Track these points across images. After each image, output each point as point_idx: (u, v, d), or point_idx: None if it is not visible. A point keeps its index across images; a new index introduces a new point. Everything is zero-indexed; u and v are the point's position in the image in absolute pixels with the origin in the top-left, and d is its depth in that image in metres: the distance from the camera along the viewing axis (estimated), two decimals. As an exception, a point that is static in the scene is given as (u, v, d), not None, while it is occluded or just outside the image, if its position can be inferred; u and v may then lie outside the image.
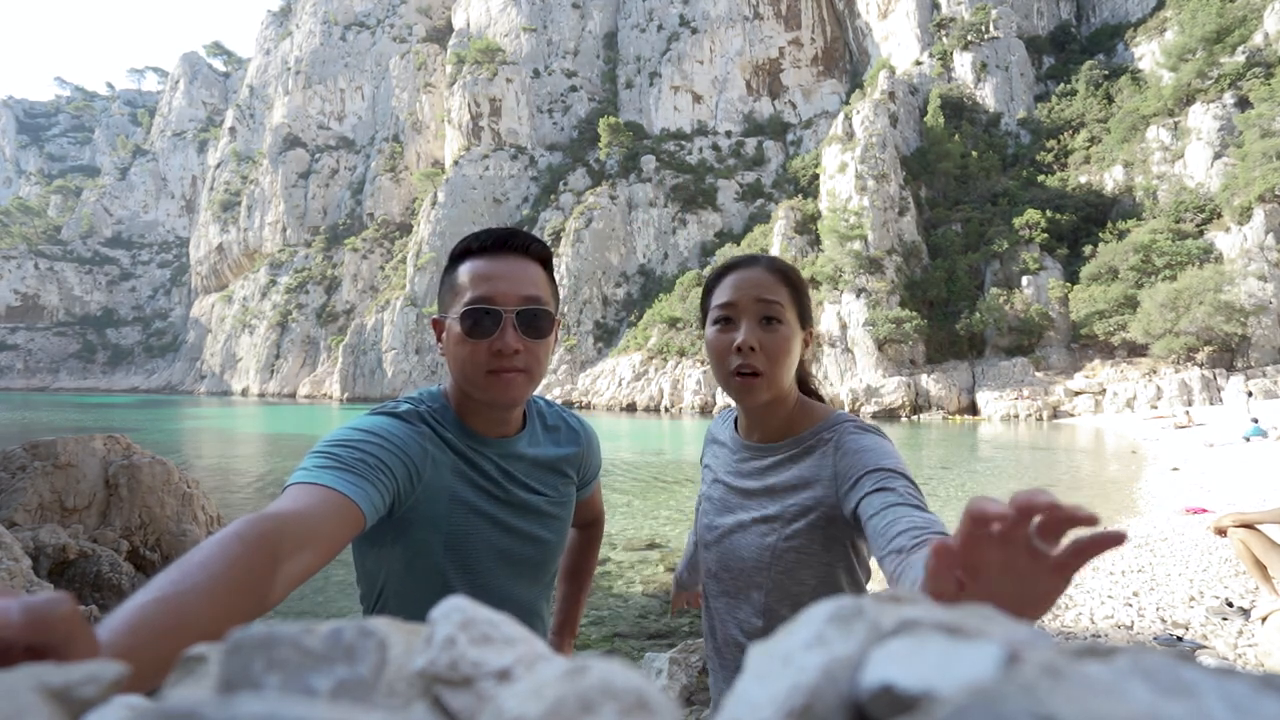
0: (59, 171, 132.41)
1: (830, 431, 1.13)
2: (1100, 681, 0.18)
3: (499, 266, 1.06)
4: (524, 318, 1.05)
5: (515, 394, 1.06)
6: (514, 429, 1.16)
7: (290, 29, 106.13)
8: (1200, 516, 8.15)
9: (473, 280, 1.05)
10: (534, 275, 1.08)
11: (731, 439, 1.28)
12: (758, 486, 1.17)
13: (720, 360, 1.13)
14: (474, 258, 1.08)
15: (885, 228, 45.40)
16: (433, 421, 1.07)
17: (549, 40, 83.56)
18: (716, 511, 1.24)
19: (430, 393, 1.14)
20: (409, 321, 66.29)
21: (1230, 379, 31.52)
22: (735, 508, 1.20)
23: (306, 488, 0.82)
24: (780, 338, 1.11)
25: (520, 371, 1.05)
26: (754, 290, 1.13)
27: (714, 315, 1.16)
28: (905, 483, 0.97)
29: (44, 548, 4.95)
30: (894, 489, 0.95)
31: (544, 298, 1.08)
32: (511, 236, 1.09)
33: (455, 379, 1.09)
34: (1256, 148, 36.11)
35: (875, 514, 0.93)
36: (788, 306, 1.13)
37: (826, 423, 1.15)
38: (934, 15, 66.45)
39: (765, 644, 0.23)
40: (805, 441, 1.15)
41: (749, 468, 1.20)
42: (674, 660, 3.76)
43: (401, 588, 1.06)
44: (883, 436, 1.11)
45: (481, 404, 1.09)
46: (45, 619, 0.32)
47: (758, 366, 1.10)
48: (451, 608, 0.26)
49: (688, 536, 1.59)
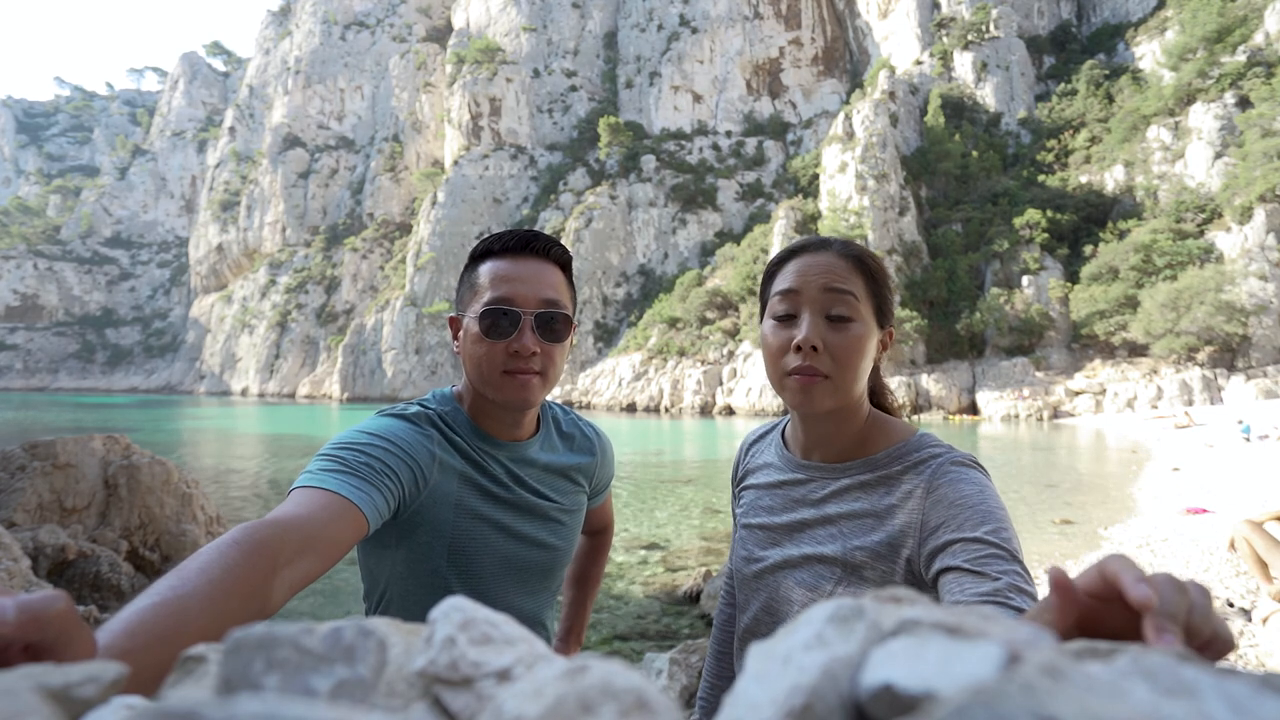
0: (58, 171, 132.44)
1: (917, 458, 0.92)
2: (1100, 681, 0.18)
3: (520, 268, 1.06)
4: (542, 320, 1.04)
5: (529, 396, 1.05)
6: (527, 433, 1.15)
7: (290, 29, 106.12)
8: (1201, 517, 8.15)
9: (493, 281, 1.05)
10: (554, 279, 1.08)
11: (782, 457, 1.07)
12: (814, 516, 0.97)
13: (775, 359, 0.95)
14: (495, 258, 1.08)
15: (885, 227, 45.41)
16: (442, 424, 1.07)
17: (549, 40, 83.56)
18: (759, 543, 1.04)
19: (442, 394, 1.13)
20: (409, 321, 66.29)
21: (1231, 379, 31.52)
22: (783, 540, 1.00)
23: (310, 492, 0.82)
24: (851, 336, 0.92)
25: (536, 374, 1.05)
26: (822, 278, 0.94)
27: (773, 306, 0.98)
28: (1008, 563, 0.77)
29: (43, 548, 4.94)
30: (990, 574, 0.76)
31: (563, 301, 1.08)
32: (534, 239, 1.08)
33: (470, 378, 1.09)
34: (1257, 147, 36.12)
35: (956, 600, 0.77)
36: (863, 299, 0.94)
37: (909, 446, 0.95)
38: (934, 15, 66.46)
39: (765, 644, 0.23)
40: (881, 466, 0.94)
41: (803, 493, 1.00)
42: (674, 661, 3.75)
43: (403, 590, 1.06)
44: (983, 473, 0.90)
45: (495, 405, 1.08)
46: (41, 617, 0.32)
47: (821, 368, 0.92)
48: (451, 608, 0.26)
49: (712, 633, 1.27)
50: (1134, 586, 0.35)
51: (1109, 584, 0.37)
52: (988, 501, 0.84)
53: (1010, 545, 0.79)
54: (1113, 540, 7.56)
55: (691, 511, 10.16)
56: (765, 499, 1.06)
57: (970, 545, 0.79)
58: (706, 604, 5.49)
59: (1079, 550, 7.20)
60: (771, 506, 1.04)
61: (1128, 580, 0.35)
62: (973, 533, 0.80)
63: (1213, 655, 0.35)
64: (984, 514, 0.82)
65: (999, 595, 0.73)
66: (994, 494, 0.86)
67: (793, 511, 1.00)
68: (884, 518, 0.90)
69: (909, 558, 0.87)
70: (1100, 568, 0.38)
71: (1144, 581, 0.35)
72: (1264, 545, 3.59)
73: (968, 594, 0.75)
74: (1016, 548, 0.80)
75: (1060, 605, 0.37)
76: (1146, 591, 0.34)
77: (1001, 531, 0.80)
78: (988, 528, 0.80)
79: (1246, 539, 3.66)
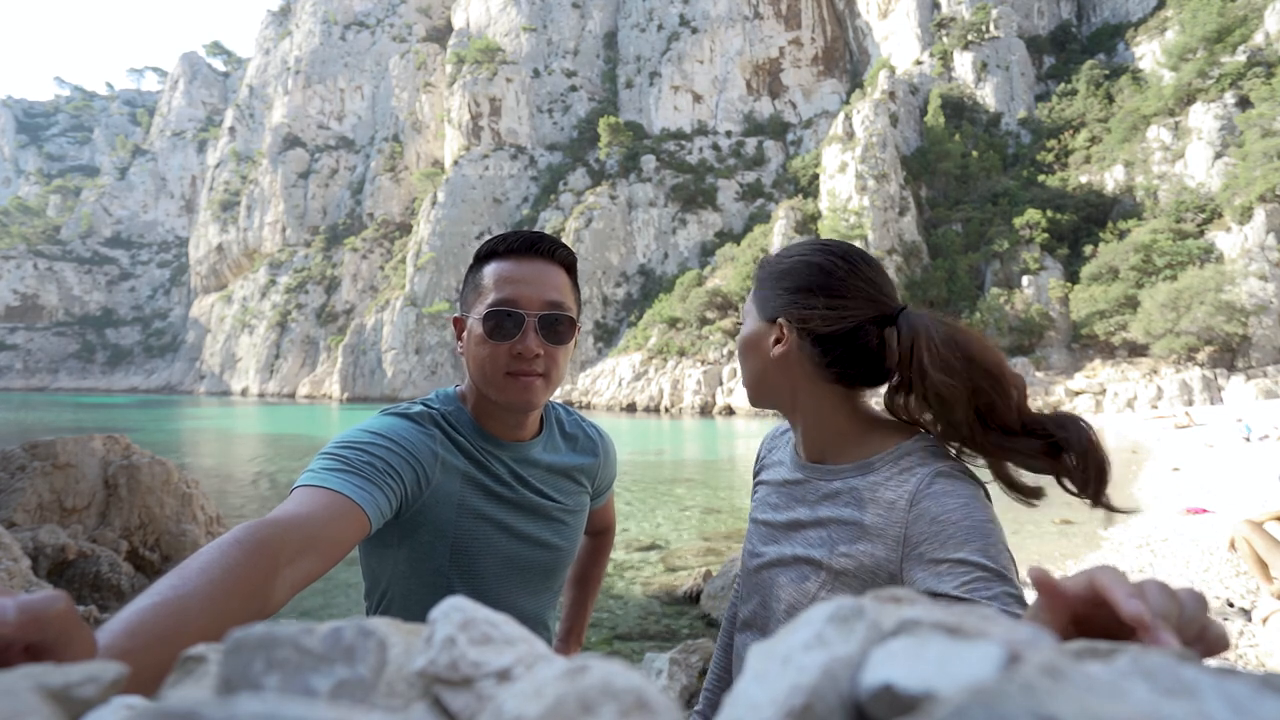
0: (58, 171, 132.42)
1: (905, 464, 0.91)
2: (1100, 681, 0.18)
3: (524, 270, 1.06)
4: (546, 322, 1.05)
5: (532, 398, 1.05)
6: (530, 433, 1.15)
7: (290, 29, 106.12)
8: (1200, 517, 8.15)
9: (497, 282, 1.05)
10: (558, 280, 1.08)
11: (791, 456, 1.09)
12: (808, 517, 0.99)
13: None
14: (500, 259, 1.08)
15: (885, 227, 45.42)
16: (445, 424, 1.07)
17: (549, 40, 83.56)
18: (761, 539, 1.07)
19: (445, 394, 1.13)
20: (409, 321, 66.29)
21: (1231, 379, 31.53)
22: (780, 538, 1.02)
23: (312, 491, 0.83)
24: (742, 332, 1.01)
25: (539, 376, 1.05)
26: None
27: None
28: (996, 585, 0.75)
29: (43, 548, 4.94)
30: (979, 601, 0.75)
31: (567, 304, 1.08)
32: (539, 240, 1.08)
33: (473, 379, 1.09)
34: (1257, 147, 36.13)
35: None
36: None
37: (900, 450, 0.93)
38: (934, 15, 66.46)
39: (765, 644, 0.23)
40: (872, 470, 0.94)
41: (802, 493, 1.02)
42: (674, 661, 3.75)
43: (405, 589, 1.05)
44: (972, 483, 0.88)
45: (498, 406, 1.08)
46: (40, 617, 0.32)
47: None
48: (451, 607, 0.26)
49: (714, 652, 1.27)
50: (1126, 602, 0.35)
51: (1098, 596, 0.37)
52: (974, 516, 0.81)
53: (998, 563, 0.77)
54: (1113, 540, 7.55)
55: (691, 511, 10.16)
56: (773, 496, 1.08)
57: (957, 568, 0.77)
58: (706, 604, 5.49)
59: (1079, 550, 7.20)
60: (776, 504, 1.06)
61: (1120, 595, 0.35)
62: (957, 552, 0.78)
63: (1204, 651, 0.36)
64: (969, 530, 0.79)
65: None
66: (981, 506, 0.84)
67: (792, 510, 1.02)
68: (867, 527, 0.89)
69: (892, 573, 0.86)
70: (1090, 578, 0.38)
71: (1136, 596, 0.35)
72: (1264, 545, 3.60)
73: None
74: (1005, 564, 0.77)
75: (1049, 604, 0.37)
76: (1139, 607, 0.34)
77: (989, 549, 0.78)
78: (974, 545, 0.78)
79: (1247, 539, 3.67)
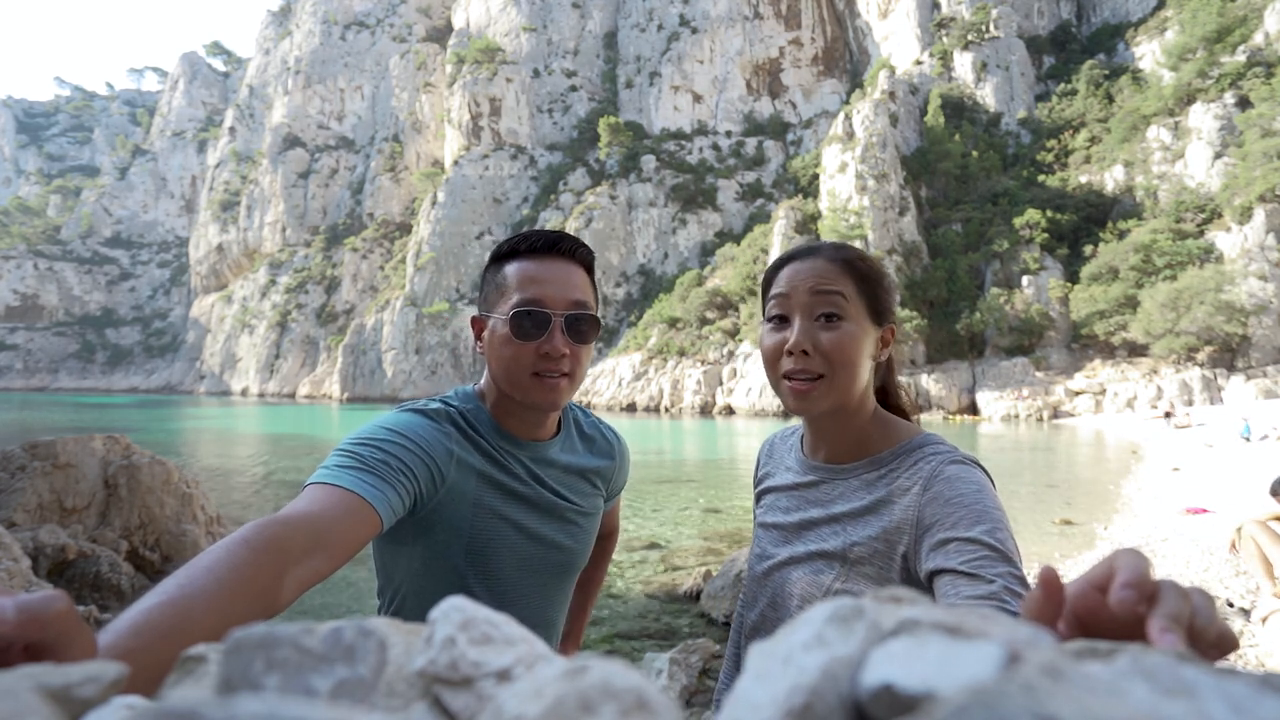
0: (58, 171, 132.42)
1: (917, 456, 0.94)
2: (1100, 681, 0.18)
3: (548, 269, 1.05)
4: (571, 322, 1.04)
5: (557, 398, 1.05)
6: (549, 433, 1.15)
7: (290, 29, 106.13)
8: (1200, 517, 8.15)
9: (521, 282, 1.04)
10: (580, 280, 1.08)
11: (798, 459, 1.10)
12: (821, 515, 1.00)
13: (772, 363, 0.99)
14: (522, 259, 1.07)
15: (885, 227, 45.42)
16: (463, 423, 1.06)
17: (549, 40, 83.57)
18: (772, 541, 1.07)
19: (464, 392, 1.13)
20: (409, 321, 66.30)
21: (1231, 379, 31.53)
22: (792, 538, 1.03)
23: (324, 489, 0.82)
24: (842, 334, 0.95)
25: (564, 376, 1.04)
26: (809, 281, 0.97)
27: (768, 310, 1.01)
28: (1003, 565, 0.76)
29: (43, 548, 4.95)
30: (985, 576, 0.75)
31: (590, 303, 1.08)
32: (560, 240, 1.08)
33: (496, 379, 1.08)
34: (1257, 147, 36.14)
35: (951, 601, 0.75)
36: (852, 299, 0.96)
37: (910, 444, 0.97)
38: (934, 15, 66.47)
39: (765, 644, 0.23)
40: (883, 465, 0.97)
41: (814, 494, 1.03)
42: (674, 660, 3.75)
43: (419, 587, 1.05)
44: (981, 470, 0.91)
45: (520, 406, 1.07)
46: (41, 617, 0.32)
47: (814, 369, 0.95)
48: (451, 607, 0.26)
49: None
50: (1117, 590, 0.35)
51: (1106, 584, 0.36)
52: (984, 501, 0.84)
53: (1005, 546, 0.78)
54: (1112, 540, 7.56)
55: (691, 511, 10.16)
56: (782, 500, 1.08)
57: (965, 545, 0.79)
58: (706, 604, 5.49)
59: (1079, 550, 7.20)
60: (786, 507, 1.07)
61: (1116, 581, 0.35)
62: (967, 532, 0.80)
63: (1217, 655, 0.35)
64: (979, 513, 0.82)
65: (994, 599, 0.73)
66: (991, 494, 0.86)
67: (804, 511, 1.03)
68: (880, 513, 0.92)
69: (905, 554, 0.88)
70: (1110, 560, 0.38)
71: (1131, 586, 0.35)
72: (1270, 542, 3.59)
73: (963, 597, 0.75)
74: (1012, 549, 0.79)
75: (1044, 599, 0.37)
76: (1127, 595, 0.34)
77: (997, 532, 0.79)
78: (983, 527, 0.80)
79: (1253, 537, 3.66)
